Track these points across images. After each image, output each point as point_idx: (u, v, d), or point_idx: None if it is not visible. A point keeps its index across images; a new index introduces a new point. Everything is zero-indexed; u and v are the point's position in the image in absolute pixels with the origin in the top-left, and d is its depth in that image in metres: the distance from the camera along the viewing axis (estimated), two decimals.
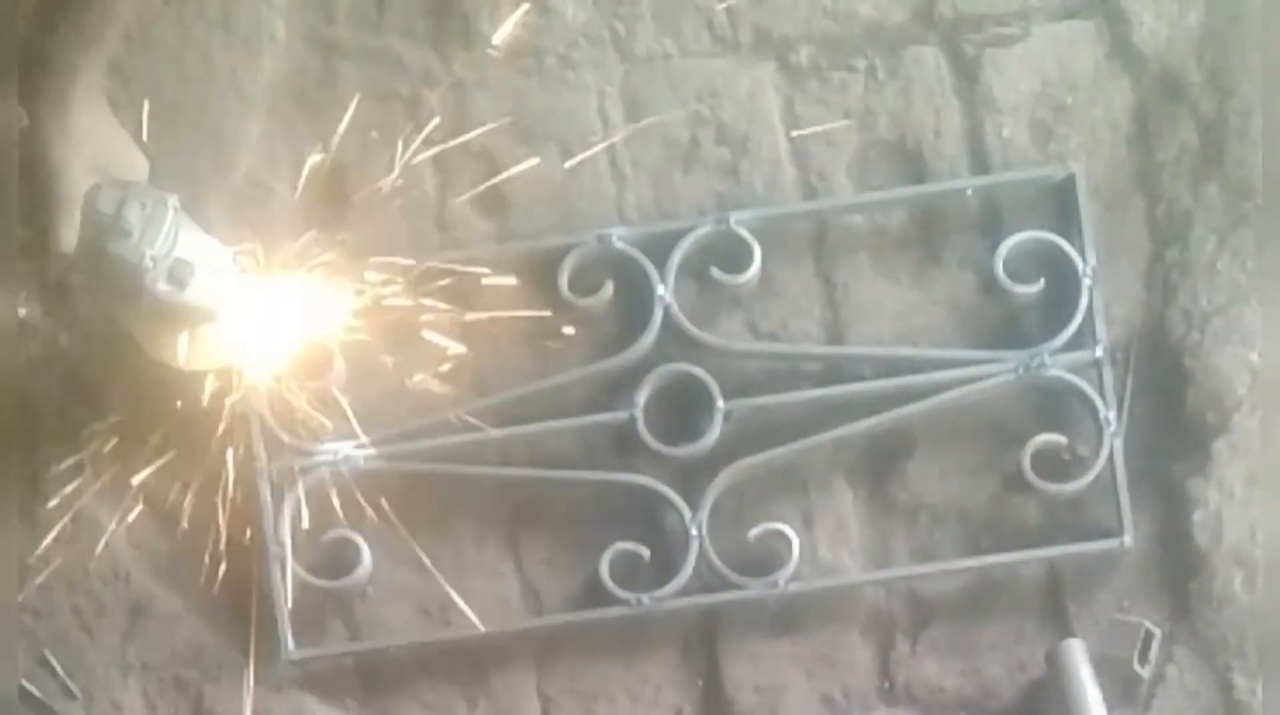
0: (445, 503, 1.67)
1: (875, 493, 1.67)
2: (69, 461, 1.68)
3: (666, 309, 1.65)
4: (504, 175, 1.69)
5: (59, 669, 1.66)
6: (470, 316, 1.66)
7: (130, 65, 1.68)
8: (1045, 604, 1.64)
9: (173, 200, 1.42)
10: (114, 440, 1.68)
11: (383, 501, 1.66)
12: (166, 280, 1.40)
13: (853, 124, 1.72)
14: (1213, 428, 1.63)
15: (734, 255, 1.66)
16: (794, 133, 1.70)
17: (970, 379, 1.63)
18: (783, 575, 1.62)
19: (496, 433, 1.64)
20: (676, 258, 1.65)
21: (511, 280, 1.62)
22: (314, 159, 1.68)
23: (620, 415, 1.64)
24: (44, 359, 1.70)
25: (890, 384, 1.64)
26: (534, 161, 1.68)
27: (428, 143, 1.69)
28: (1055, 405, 1.65)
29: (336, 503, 1.66)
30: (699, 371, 1.64)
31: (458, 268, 1.62)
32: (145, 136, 1.60)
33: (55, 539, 1.68)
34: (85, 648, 1.67)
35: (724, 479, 1.63)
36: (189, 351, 1.47)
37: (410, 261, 1.62)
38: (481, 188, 1.71)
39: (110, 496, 1.68)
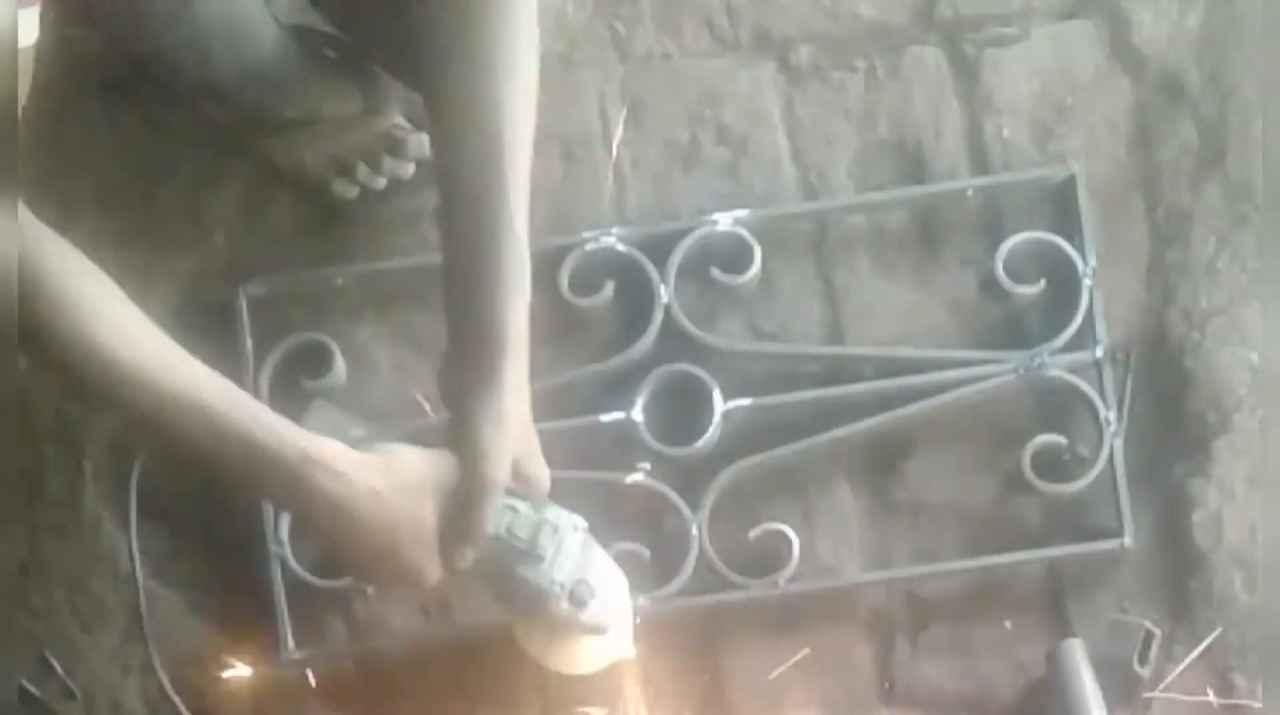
0: None
1: (875, 493, 1.67)
2: (70, 458, 1.68)
3: (666, 309, 1.65)
4: None
5: (59, 669, 1.66)
6: None
7: None
8: (1045, 604, 1.64)
9: (581, 524, 1.41)
10: (114, 439, 1.68)
11: None
12: (568, 601, 1.39)
13: (854, 124, 1.72)
14: (1213, 428, 1.63)
15: (734, 255, 1.66)
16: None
17: (970, 379, 1.63)
18: (783, 575, 1.62)
19: None
20: (676, 258, 1.65)
21: None
22: None
23: (620, 415, 1.64)
24: None
25: (890, 384, 1.64)
26: None
27: None
28: (1055, 405, 1.65)
29: None
30: (699, 371, 1.64)
31: None
32: None
33: (55, 539, 1.68)
34: (85, 648, 1.67)
35: (724, 479, 1.63)
36: (573, 658, 1.47)
37: None
38: None
39: (110, 496, 1.68)
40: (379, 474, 1.31)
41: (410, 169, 1.68)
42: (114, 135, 1.73)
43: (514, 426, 1.34)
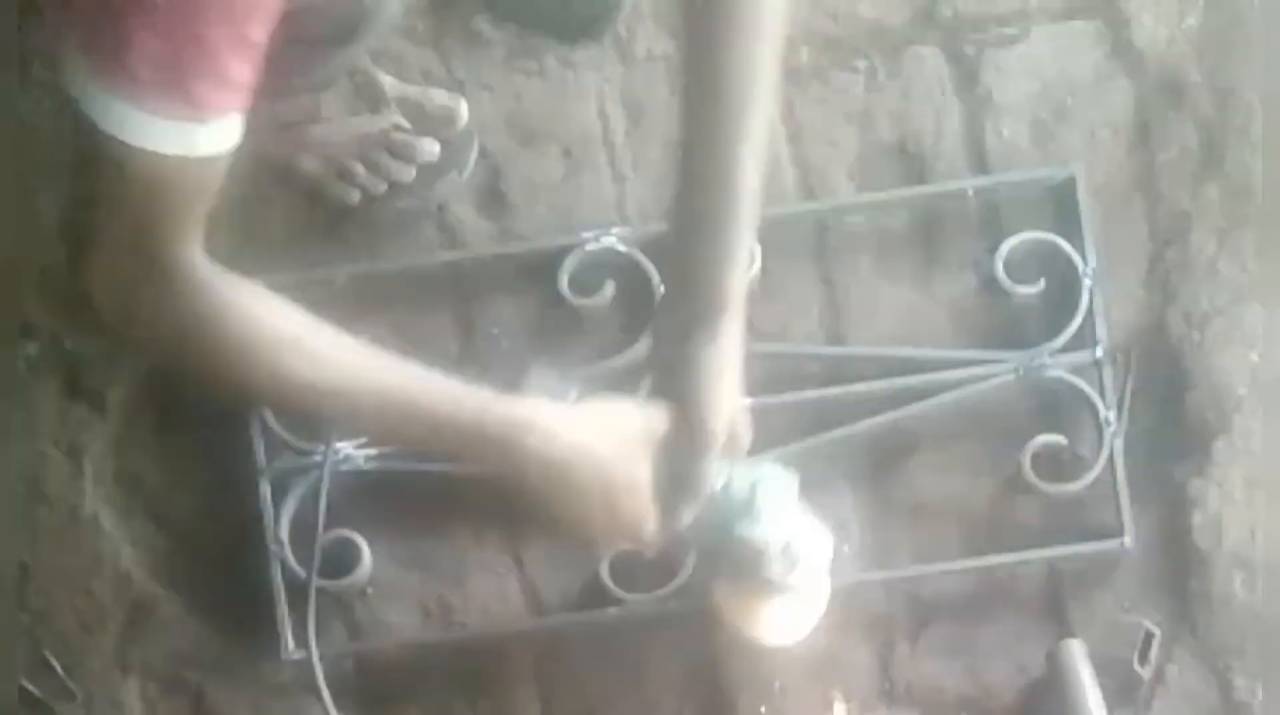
0: (445, 503, 1.67)
1: (875, 493, 1.66)
2: (70, 458, 1.69)
3: None
4: None
5: (59, 669, 1.66)
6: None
7: None
8: (1045, 604, 1.64)
9: (794, 482, 1.42)
10: (114, 439, 1.69)
11: (383, 501, 1.66)
12: (781, 560, 1.40)
13: (854, 124, 1.72)
14: (1213, 428, 1.63)
15: None
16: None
17: (970, 379, 1.63)
18: None
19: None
20: None
21: None
22: None
23: None
24: (44, 358, 1.70)
25: (891, 384, 1.64)
26: None
27: None
28: (1055, 405, 1.65)
29: (336, 503, 1.67)
30: None
31: None
32: None
33: (55, 539, 1.68)
34: (85, 648, 1.67)
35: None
36: (776, 626, 1.49)
37: None
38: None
39: (110, 496, 1.69)
40: (590, 429, 1.31)
41: (412, 172, 1.68)
42: None
43: (731, 383, 1.35)
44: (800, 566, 1.40)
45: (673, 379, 1.35)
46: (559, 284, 1.65)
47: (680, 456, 1.34)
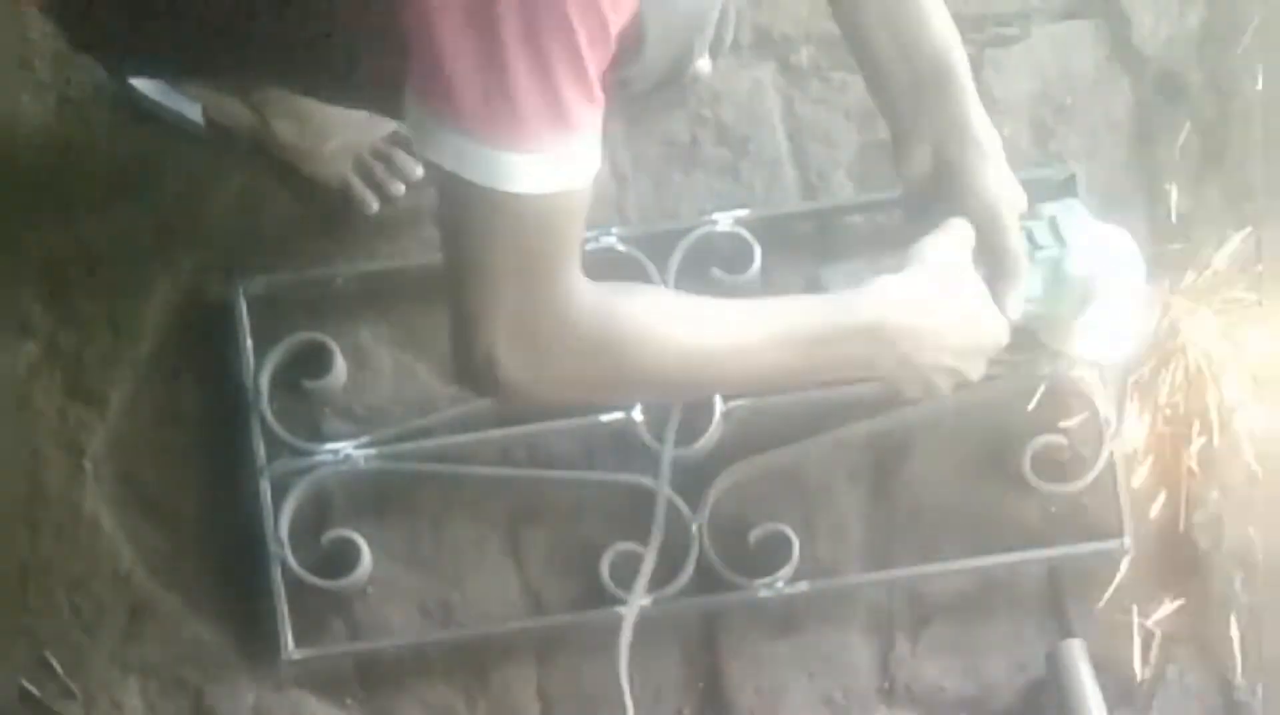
0: (445, 503, 1.67)
1: (875, 493, 1.66)
2: (70, 458, 1.69)
3: None
4: None
5: (59, 669, 1.66)
6: None
7: None
8: (1045, 604, 1.64)
9: (1073, 200, 1.45)
10: (114, 439, 1.69)
11: (383, 501, 1.66)
12: (1107, 273, 1.41)
13: (854, 124, 1.72)
14: (1213, 429, 1.62)
15: (734, 255, 1.66)
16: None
17: None
18: (783, 575, 1.62)
19: (496, 433, 1.64)
20: (676, 258, 1.65)
21: None
22: None
23: (620, 415, 1.64)
24: (44, 358, 1.70)
25: None
26: None
27: None
28: (1055, 405, 1.64)
29: (336, 503, 1.67)
30: None
31: None
32: None
33: (55, 539, 1.68)
34: (85, 648, 1.67)
35: (724, 479, 1.63)
36: (1117, 338, 1.47)
37: None
38: None
39: (110, 496, 1.69)
40: (932, 277, 1.32)
41: (419, 172, 1.68)
42: (114, 134, 1.73)
43: (992, 149, 1.38)
44: (1125, 268, 1.42)
45: (945, 180, 1.38)
46: None
47: (992, 253, 1.35)
